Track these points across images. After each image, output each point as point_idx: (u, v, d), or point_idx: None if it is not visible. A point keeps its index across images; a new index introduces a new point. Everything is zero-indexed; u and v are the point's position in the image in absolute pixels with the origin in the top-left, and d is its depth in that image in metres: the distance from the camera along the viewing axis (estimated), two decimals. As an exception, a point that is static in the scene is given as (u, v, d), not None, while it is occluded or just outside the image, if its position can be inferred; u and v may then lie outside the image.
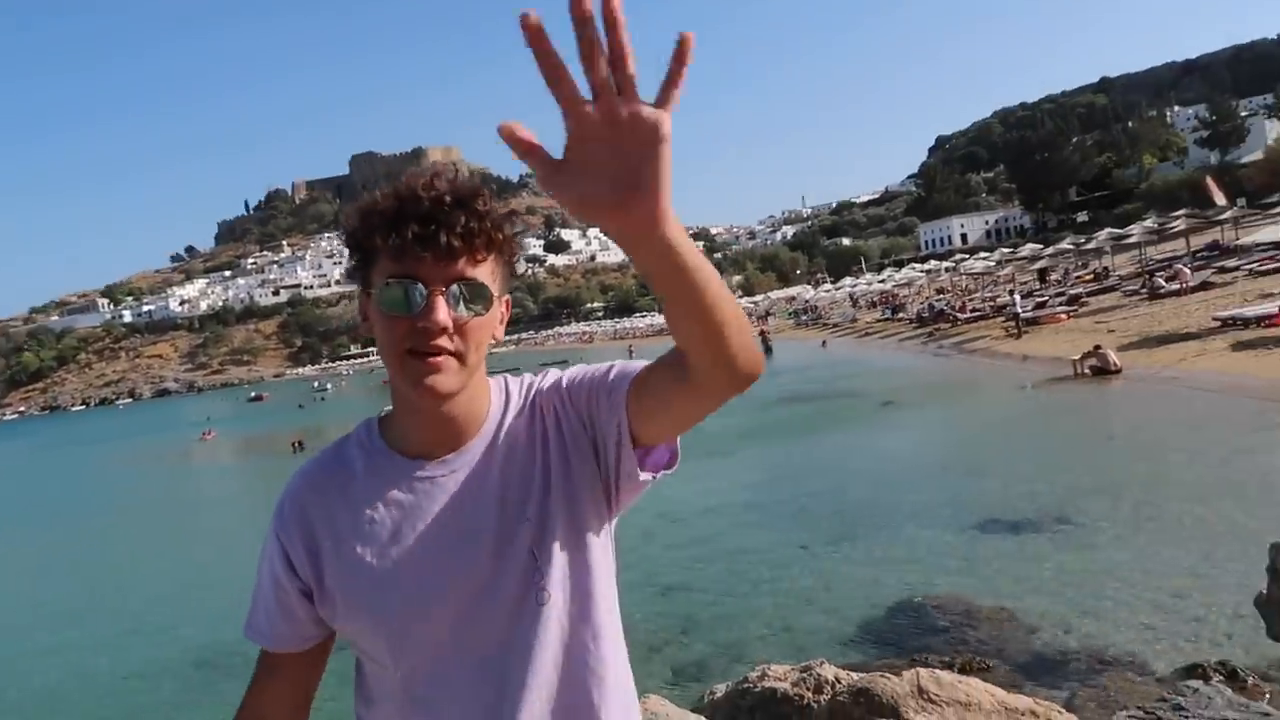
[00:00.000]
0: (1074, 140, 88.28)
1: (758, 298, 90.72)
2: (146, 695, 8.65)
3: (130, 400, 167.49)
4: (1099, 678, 5.80)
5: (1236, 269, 29.29)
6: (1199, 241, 39.30)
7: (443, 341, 1.13)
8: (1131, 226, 42.03)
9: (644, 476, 1.21)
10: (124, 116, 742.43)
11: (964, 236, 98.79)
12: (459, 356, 1.14)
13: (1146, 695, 5.29)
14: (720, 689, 5.03)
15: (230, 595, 12.55)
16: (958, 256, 57.82)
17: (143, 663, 9.69)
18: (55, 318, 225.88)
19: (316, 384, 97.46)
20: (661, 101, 0.78)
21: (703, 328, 0.97)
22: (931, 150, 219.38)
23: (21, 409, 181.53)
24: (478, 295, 1.14)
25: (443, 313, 1.11)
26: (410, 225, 1.11)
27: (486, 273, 1.15)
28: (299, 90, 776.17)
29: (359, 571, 1.21)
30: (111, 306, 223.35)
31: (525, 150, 0.79)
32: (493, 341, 1.20)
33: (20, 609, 13.62)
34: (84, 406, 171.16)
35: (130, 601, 12.86)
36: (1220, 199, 57.76)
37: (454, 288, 1.13)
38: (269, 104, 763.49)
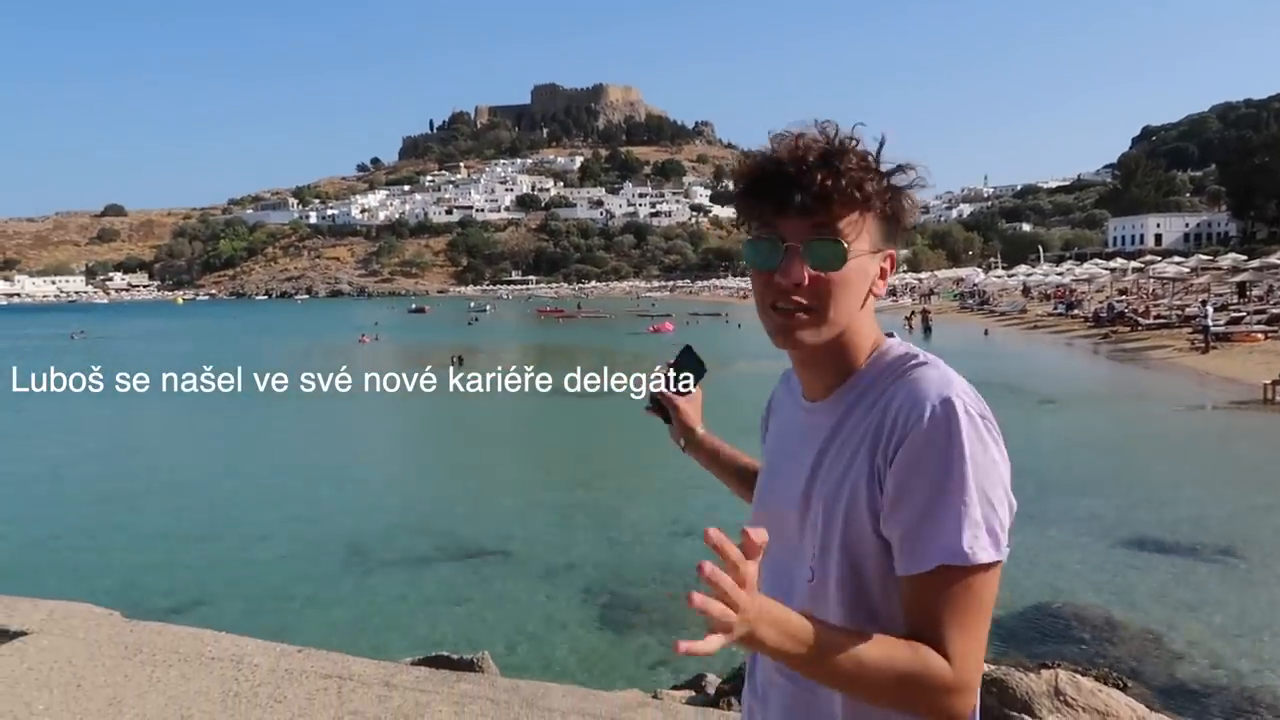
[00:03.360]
0: (1303, 146, 79.94)
1: (923, 275, 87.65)
2: (300, 570, 9.43)
3: (307, 296, 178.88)
4: (1244, 718, 5.52)
5: None
6: None
7: (798, 297, 1.17)
8: (1356, 248, 38.05)
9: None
10: (329, 28, 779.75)
11: (1158, 237, 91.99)
12: (815, 311, 1.18)
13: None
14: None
15: (377, 491, 13.47)
16: (1148, 257, 53.86)
17: (297, 543, 10.54)
18: (250, 211, 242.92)
19: (473, 304, 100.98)
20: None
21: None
22: (1135, 140, 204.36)
23: (213, 291, 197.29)
24: (832, 252, 1.16)
25: (795, 269, 1.16)
26: (771, 184, 1.17)
27: (850, 229, 1.16)
28: (489, 15, 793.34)
29: (763, 462, 1.43)
30: (300, 207, 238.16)
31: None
32: (875, 298, 1.23)
33: (198, 483, 14.98)
34: (266, 297, 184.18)
35: (288, 487, 13.94)
36: None
37: (809, 244, 1.16)
38: (461, 25, 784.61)
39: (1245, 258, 44.52)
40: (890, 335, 1.27)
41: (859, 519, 1.15)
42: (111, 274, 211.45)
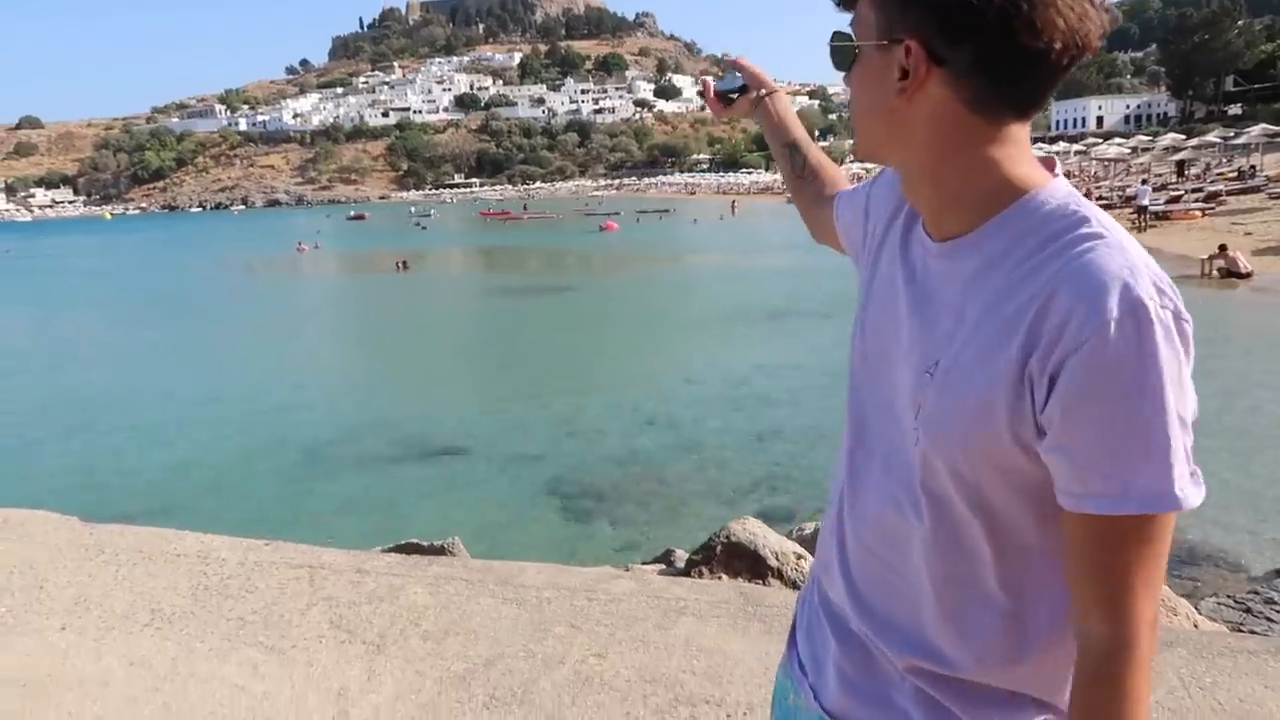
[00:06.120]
0: (1240, 23, 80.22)
1: (870, 165, 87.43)
2: (261, 473, 9.35)
3: (243, 207, 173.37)
4: (1189, 569, 5.79)
5: (1403, 181, 26.96)
6: (1365, 148, 36.12)
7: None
8: (1291, 124, 38.72)
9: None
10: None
11: (1100, 119, 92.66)
12: (854, 118, 1.00)
13: (1238, 589, 5.29)
14: (808, 527, 5.21)
15: (334, 393, 13.34)
16: (1090, 140, 54.23)
17: (256, 446, 10.43)
18: (175, 119, 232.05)
19: (414, 209, 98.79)
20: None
21: None
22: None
23: (143, 205, 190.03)
24: (837, 51, 0.98)
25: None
26: None
27: (860, 21, 0.95)
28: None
29: (862, 294, 1.13)
30: (228, 113, 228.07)
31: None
32: (892, 111, 0.94)
33: (146, 393, 14.67)
34: (200, 209, 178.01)
35: (243, 392, 13.73)
36: (1398, 103, 52.38)
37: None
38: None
39: (1184, 137, 45.08)
40: (1055, 173, 0.94)
41: (992, 423, 0.89)
42: (33, 190, 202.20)
